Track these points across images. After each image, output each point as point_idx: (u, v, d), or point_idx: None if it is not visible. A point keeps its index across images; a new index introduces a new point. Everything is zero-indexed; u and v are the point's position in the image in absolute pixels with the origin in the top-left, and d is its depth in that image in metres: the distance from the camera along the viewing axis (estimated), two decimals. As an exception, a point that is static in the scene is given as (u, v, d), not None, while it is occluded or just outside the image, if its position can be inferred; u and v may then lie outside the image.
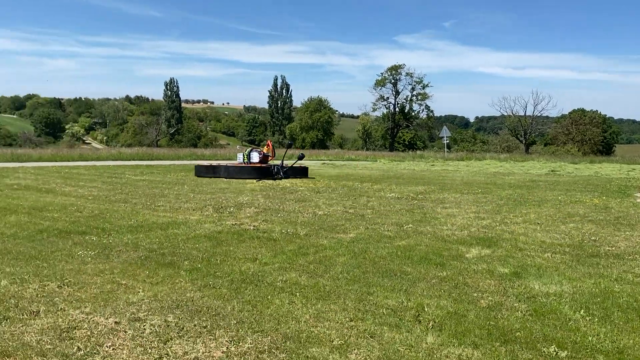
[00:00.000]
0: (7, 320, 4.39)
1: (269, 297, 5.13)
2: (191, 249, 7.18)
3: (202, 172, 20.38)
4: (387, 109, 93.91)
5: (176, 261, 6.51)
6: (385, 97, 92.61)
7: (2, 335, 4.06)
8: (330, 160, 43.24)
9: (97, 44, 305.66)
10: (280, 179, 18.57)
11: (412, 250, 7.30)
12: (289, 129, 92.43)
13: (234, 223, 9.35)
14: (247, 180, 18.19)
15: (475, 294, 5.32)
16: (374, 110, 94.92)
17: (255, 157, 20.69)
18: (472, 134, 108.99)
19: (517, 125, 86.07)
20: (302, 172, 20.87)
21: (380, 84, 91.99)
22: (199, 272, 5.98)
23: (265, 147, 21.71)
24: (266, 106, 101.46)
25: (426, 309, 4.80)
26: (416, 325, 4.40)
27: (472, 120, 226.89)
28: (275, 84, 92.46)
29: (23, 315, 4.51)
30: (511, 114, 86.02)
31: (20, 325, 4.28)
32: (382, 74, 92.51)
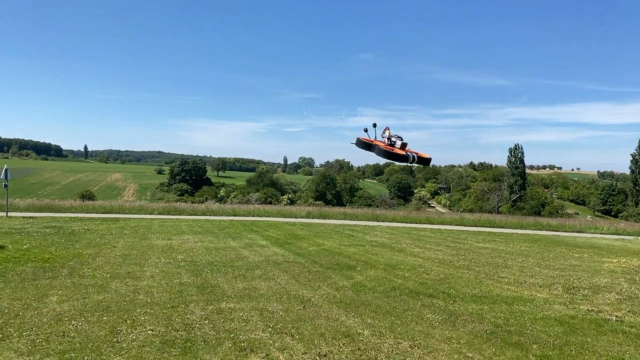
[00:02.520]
0: (369, 369, 4.93)
1: (645, 414, 4.16)
2: (540, 332, 6.60)
3: None
4: None
5: (524, 342, 6.08)
6: None
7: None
8: None
9: (446, 116, 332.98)
10: None
11: None
12: (659, 199, 77.02)
13: (589, 309, 8.18)
14: (604, 259, 15.83)
15: None
16: None
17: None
18: None
19: None
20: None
21: None
22: (550, 361, 5.40)
23: None
24: (627, 172, 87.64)
25: None
26: None
27: None
28: (640, 147, 79.11)
29: (381, 368, 4.99)
30: None
31: (379, 377, 4.73)
32: None
